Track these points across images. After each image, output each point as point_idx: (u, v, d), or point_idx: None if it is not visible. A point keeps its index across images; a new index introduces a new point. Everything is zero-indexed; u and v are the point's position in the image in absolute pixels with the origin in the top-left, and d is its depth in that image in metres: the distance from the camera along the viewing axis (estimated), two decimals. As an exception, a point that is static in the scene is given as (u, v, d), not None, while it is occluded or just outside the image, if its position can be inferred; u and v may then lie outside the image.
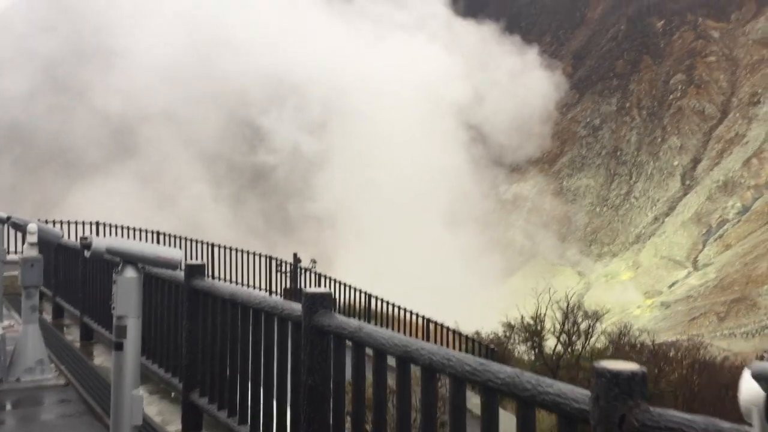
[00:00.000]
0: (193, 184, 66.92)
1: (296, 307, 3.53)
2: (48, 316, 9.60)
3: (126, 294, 3.69)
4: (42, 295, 10.21)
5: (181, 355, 5.02)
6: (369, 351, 3.01)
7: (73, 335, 8.46)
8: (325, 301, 3.30)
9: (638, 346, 18.73)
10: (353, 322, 3.04)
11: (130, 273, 3.73)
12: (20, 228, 6.51)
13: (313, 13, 77.23)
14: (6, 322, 9.07)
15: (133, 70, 68.78)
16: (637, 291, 61.29)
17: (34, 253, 6.47)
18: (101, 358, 7.38)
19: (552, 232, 68.11)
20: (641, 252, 64.15)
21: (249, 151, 71.84)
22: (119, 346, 3.68)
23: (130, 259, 3.73)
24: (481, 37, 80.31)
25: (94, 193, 60.58)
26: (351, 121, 68.75)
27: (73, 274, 8.49)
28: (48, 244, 7.62)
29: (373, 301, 14.71)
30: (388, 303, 14.26)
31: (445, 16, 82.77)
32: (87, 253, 3.71)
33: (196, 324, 4.77)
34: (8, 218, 6.78)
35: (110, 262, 6.93)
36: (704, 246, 62.15)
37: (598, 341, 19.65)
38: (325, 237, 63.96)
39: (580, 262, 66.43)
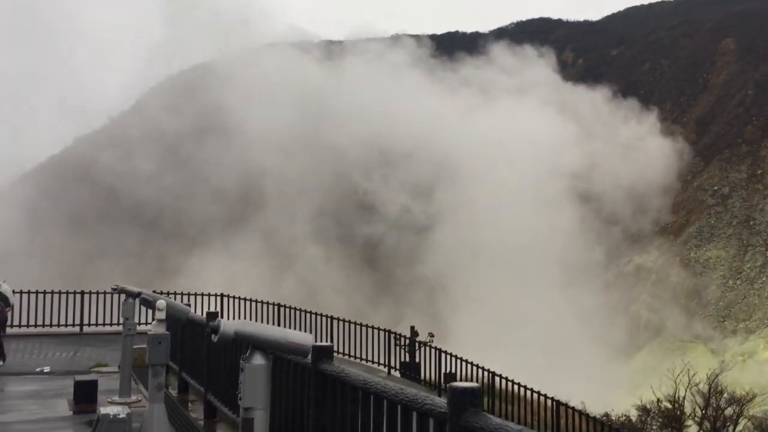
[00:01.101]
0: (308, 252, 68.55)
1: (439, 402, 3.13)
2: (174, 391, 9.62)
3: (254, 383, 3.41)
4: (168, 369, 10.30)
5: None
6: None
7: (197, 413, 8.37)
8: (475, 398, 2.87)
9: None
10: (513, 426, 2.59)
11: (258, 360, 3.46)
12: (149, 304, 6.54)
13: (416, 80, 78.73)
14: (134, 397, 9.16)
15: (247, 145, 72.42)
16: (779, 371, 56.01)
17: (162, 330, 6.44)
18: (224, 439, 7.18)
19: (680, 306, 64.05)
20: (782, 328, 58.96)
21: (359, 218, 73.05)
22: (246, 440, 3.37)
23: (259, 345, 3.48)
24: (595, 102, 79.05)
25: (214, 260, 63.23)
26: (460, 185, 68.56)
27: (199, 349, 8.47)
28: (176, 320, 7.64)
29: (496, 379, 13.95)
30: (513, 382, 13.46)
31: (555, 80, 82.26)
32: (215, 338, 3.48)
33: (324, 412, 4.45)
34: (139, 293, 6.84)
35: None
36: None
37: (745, 428, 17.74)
38: (437, 303, 63.17)
39: (712, 339, 61.79)
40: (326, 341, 16.91)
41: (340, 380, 4.28)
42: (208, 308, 16.79)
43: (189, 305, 9.00)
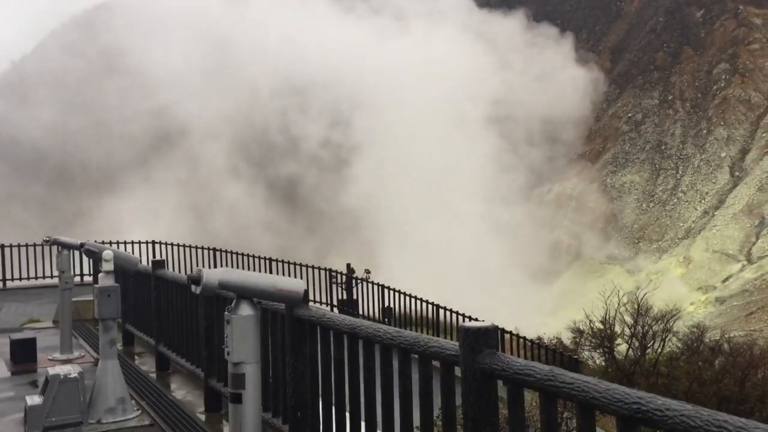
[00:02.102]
0: (227, 192, 67.31)
1: (446, 344, 2.98)
2: (118, 344, 9.23)
3: (243, 335, 3.16)
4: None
5: (286, 396, 4.49)
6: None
7: (147, 365, 8.05)
8: (490, 339, 2.73)
9: (715, 347, 17.78)
10: (541, 368, 2.46)
11: (246, 310, 3.20)
12: (94, 255, 6.11)
13: (325, 9, 76.84)
14: (76, 353, 8.73)
15: (153, 86, 69.78)
16: (689, 287, 59.58)
17: (110, 282, 6.02)
18: (182, 392, 6.92)
19: (598, 230, 66.71)
20: (692, 247, 62.34)
21: (277, 154, 72.06)
22: (236, 398, 3.14)
23: (246, 294, 3.21)
24: (511, 29, 79.32)
25: (130, 205, 61.36)
26: (377, 114, 68.14)
27: (145, 299, 8.09)
28: (122, 271, 7.22)
29: (441, 312, 14.12)
30: (457, 313, 13.64)
31: (470, 7, 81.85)
32: (197, 289, 3.18)
33: (303, 359, 4.25)
34: (81, 245, 6.39)
35: (186, 285, 6.48)
36: (757, 238, 60.17)
37: (669, 343, 18.76)
38: (363, 234, 63.41)
39: (628, 260, 64.90)
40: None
41: (321, 325, 4.08)
42: (140, 256, 16.20)
43: (138, 258, 8.57)
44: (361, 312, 18.48)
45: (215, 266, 16.57)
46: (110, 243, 16.33)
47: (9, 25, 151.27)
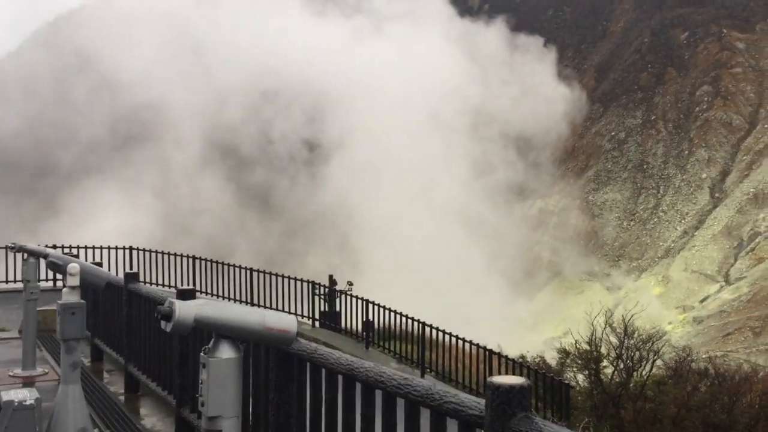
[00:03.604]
0: (200, 194, 66.46)
1: (467, 400, 2.51)
2: (86, 359, 8.63)
3: (222, 383, 2.61)
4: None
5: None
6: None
7: (115, 385, 7.47)
8: (524, 399, 2.26)
9: (702, 371, 17.49)
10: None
11: (227, 352, 2.67)
12: (59, 268, 5.56)
13: (300, 13, 76.44)
14: (40, 369, 8.12)
15: (122, 90, 69.14)
16: (668, 306, 59.81)
17: (75, 298, 5.44)
18: (152, 419, 6.35)
19: (579, 247, 66.80)
20: (671, 266, 62.64)
21: (252, 158, 71.47)
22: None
23: (227, 333, 2.70)
24: (497, 45, 79.46)
25: (103, 208, 60.34)
26: (352, 118, 67.66)
27: (116, 314, 7.52)
28: (92, 287, 6.65)
29: (427, 330, 13.66)
30: (443, 332, 13.20)
31: (449, 13, 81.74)
32: (167, 326, 2.66)
33: (289, 399, 3.75)
34: (46, 255, 5.85)
35: (163, 301, 5.94)
36: (736, 259, 60.62)
37: (655, 366, 18.44)
38: (342, 241, 62.75)
39: (608, 278, 65.03)
40: (247, 295, 16.10)
41: (311, 361, 3.58)
42: (116, 263, 15.55)
43: (101, 264, 7.99)
44: (343, 326, 17.98)
45: (193, 276, 15.97)
46: (85, 248, 15.69)
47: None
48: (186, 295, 5.04)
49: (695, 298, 59.31)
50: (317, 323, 17.20)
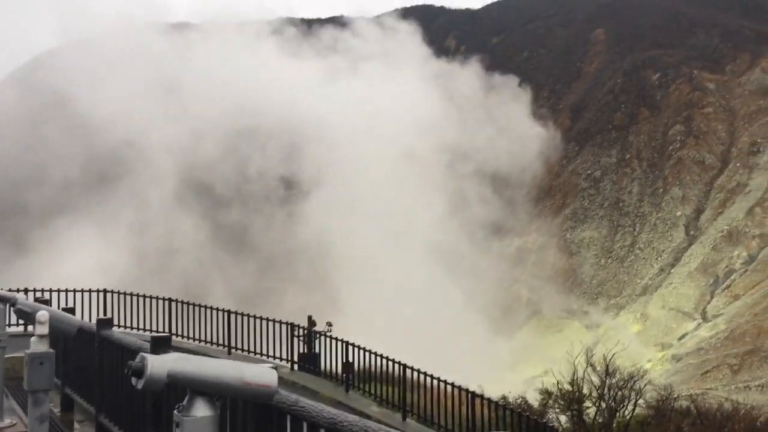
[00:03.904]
0: (175, 234, 65.78)
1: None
2: (56, 409, 8.30)
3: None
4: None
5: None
6: None
7: (86, 438, 7.19)
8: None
9: (684, 410, 17.40)
10: None
11: (202, 410, 2.51)
12: (27, 317, 5.33)
13: (284, 60, 77.06)
14: (7, 420, 7.79)
15: (96, 132, 68.97)
16: (646, 344, 59.90)
17: (44, 347, 5.20)
18: (124, 474, 6.09)
19: (557, 285, 66.97)
20: (649, 304, 62.94)
21: (228, 198, 71.22)
22: None
23: (203, 389, 2.56)
24: (474, 86, 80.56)
25: (74, 249, 59.39)
26: (328, 156, 67.75)
27: (88, 362, 7.26)
28: (63, 334, 6.41)
29: (408, 372, 13.45)
30: (425, 374, 13.00)
31: (425, 54, 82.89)
32: (138, 383, 2.50)
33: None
34: (14, 302, 5.64)
35: (133, 350, 5.74)
36: (712, 297, 61.14)
37: (637, 406, 18.31)
38: (321, 275, 62.18)
39: (586, 316, 65.10)
40: (224, 338, 15.78)
41: (291, 414, 3.42)
42: (89, 306, 15.19)
43: (74, 309, 7.75)
44: (322, 368, 17.68)
45: (169, 319, 15.65)
46: (57, 291, 15.33)
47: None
48: (161, 342, 4.85)
49: (673, 336, 59.51)
50: (296, 366, 16.89)
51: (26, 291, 14.55)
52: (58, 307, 11.62)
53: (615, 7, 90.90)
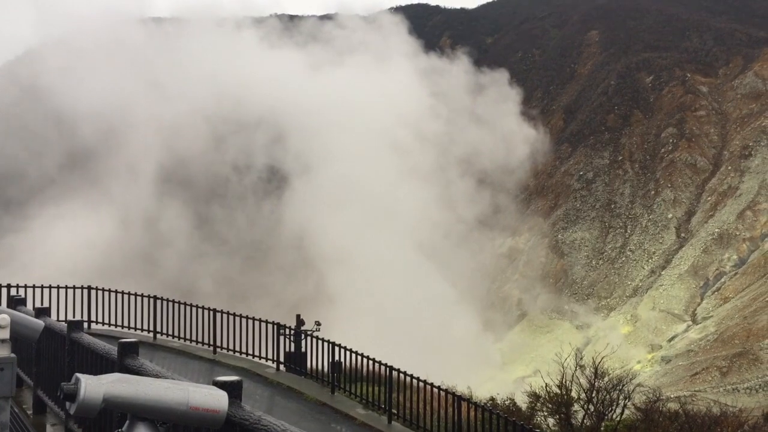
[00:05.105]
0: (158, 227, 65.35)
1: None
2: (29, 411, 8.06)
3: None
4: (22, 382, 8.72)
5: None
6: None
7: (57, 442, 6.96)
8: None
9: (673, 414, 17.28)
10: None
11: (143, 435, 2.29)
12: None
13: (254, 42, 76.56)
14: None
15: (77, 127, 68.49)
16: (636, 345, 59.94)
17: (5, 352, 4.95)
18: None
19: (548, 286, 66.92)
20: (639, 305, 63.00)
21: (213, 192, 70.87)
22: None
23: (144, 414, 2.34)
24: (468, 87, 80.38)
25: (54, 244, 58.86)
26: (313, 145, 67.37)
27: (57, 363, 7.03)
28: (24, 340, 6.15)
29: (395, 374, 13.27)
30: (411, 377, 12.82)
31: (414, 49, 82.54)
32: (71, 408, 2.28)
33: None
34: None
35: (105, 356, 5.52)
36: (702, 299, 61.24)
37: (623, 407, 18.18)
38: (308, 265, 61.80)
39: (577, 317, 65.09)
40: (209, 337, 15.54)
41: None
42: (72, 303, 14.88)
43: (49, 309, 7.52)
44: (309, 368, 17.46)
45: (153, 317, 15.38)
46: (33, 287, 15.01)
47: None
48: (127, 348, 4.63)
49: (663, 338, 59.58)
50: (282, 366, 16.67)
51: (9, 287, 14.27)
52: (34, 306, 11.36)
53: (609, 9, 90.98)
